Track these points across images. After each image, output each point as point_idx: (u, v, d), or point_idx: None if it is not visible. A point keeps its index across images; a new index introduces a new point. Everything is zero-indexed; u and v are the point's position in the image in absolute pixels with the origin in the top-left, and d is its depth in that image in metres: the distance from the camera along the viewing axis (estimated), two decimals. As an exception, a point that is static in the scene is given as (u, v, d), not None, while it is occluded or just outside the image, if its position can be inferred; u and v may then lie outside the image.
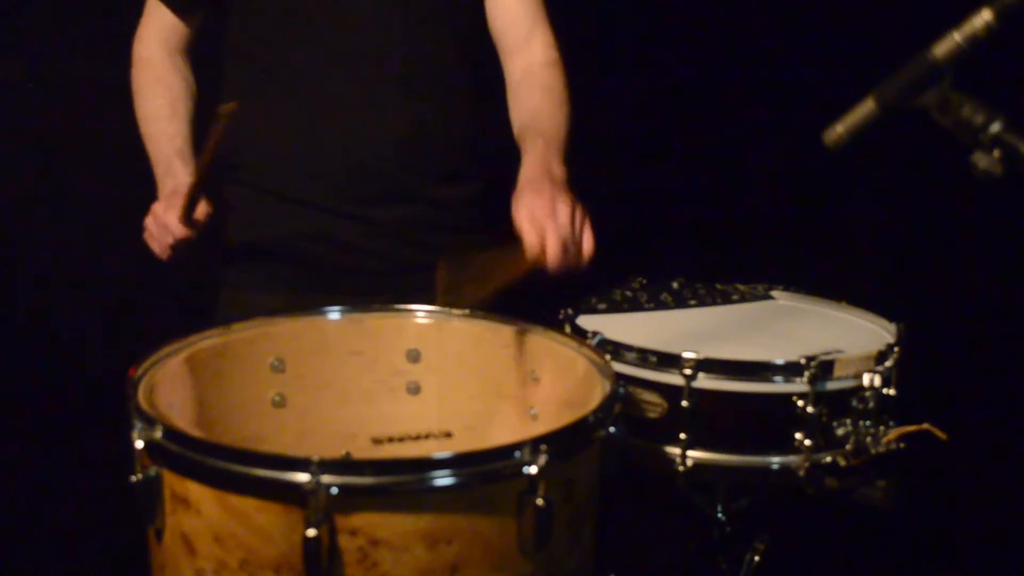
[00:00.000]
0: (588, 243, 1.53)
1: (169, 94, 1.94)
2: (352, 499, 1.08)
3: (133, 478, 1.17)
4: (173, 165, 1.86)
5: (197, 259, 1.81)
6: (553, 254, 1.47)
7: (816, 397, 1.56)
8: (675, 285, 2.00)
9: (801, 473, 1.58)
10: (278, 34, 1.83)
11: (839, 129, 1.29)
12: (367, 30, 1.82)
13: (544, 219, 1.49)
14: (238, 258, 1.95)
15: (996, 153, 1.16)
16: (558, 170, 1.67)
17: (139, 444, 1.18)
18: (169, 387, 1.37)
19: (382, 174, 1.85)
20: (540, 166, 1.65)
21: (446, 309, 1.59)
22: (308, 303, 1.63)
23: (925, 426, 1.59)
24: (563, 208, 1.51)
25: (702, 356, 1.57)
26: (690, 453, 1.59)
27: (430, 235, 1.90)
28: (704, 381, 1.57)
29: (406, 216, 1.88)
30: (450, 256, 1.55)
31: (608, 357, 1.46)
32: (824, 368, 1.57)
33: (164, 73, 1.95)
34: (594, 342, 1.61)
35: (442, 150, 1.89)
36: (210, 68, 1.97)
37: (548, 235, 1.48)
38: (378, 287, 1.86)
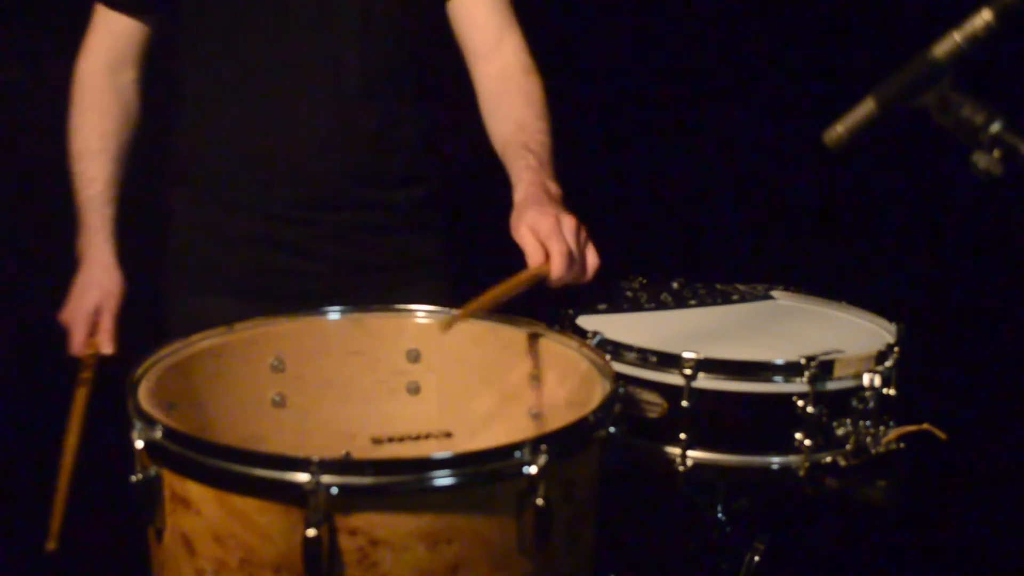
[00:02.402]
0: (592, 258, 1.53)
1: (100, 125, 1.86)
2: (352, 499, 1.08)
3: (133, 478, 1.17)
4: (86, 216, 1.86)
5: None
6: (557, 265, 1.47)
7: (816, 397, 1.56)
8: (675, 285, 2.00)
9: (801, 473, 1.58)
10: (226, 38, 1.79)
11: (839, 129, 1.29)
12: (316, 35, 1.78)
13: (548, 233, 1.49)
14: (184, 264, 1.92)
15: (996, 153, 1.16)
16: (554, 188, 1.65)
17: (139, 444, 1.18)
18: (169, 387, 1.37)
19: (331, 180, 1.82)
20: (536, 186, 1.63)
21: (446, 309, 1.59)
22: (256, 308, 1.61)
23: (925, 426, 1.59)
24: (567, 223, 1.51)
25: (702, 356, 1.57)
26: (690, 453, 1.59)
27: (382, 236, 1.89)
28: (704, 381, 1.57)
29: (357, 220, 1.86)
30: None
31: (608, 357, 1.46)
32: (824, 368, 1.57)
33: (100, 98, 1.86)
34: (594, 342, 1.61)
35: (392, 155, 1.87)
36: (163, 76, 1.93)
37: (552, 247, 1.47)
38: (329, 290, 1.83)
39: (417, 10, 1.85)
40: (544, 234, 1.49)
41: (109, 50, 1.87)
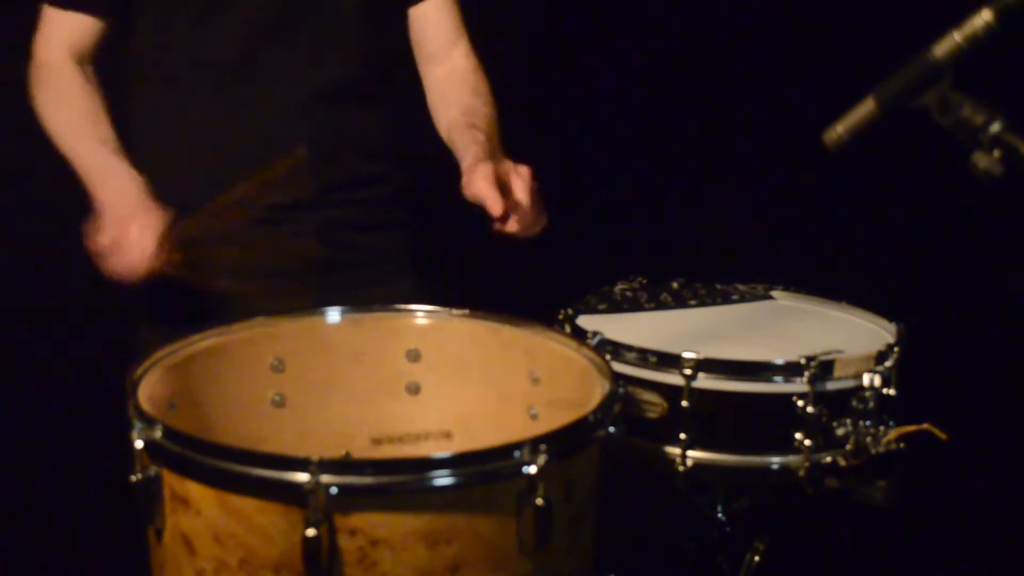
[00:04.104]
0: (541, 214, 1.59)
1: (90, 97, 1.80)
2: (352, 499, 1.08)
3: (133, 478, 1.17)
4: (113, 163, 1.71)
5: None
6: (521, 207, 1.53)
7: (816, 397, 1.56)
8: (675, 285, 2.00)
9: (801, 473, 1.58)
10: (190, 44, 1.78)
11: (839, 129, 1.29)
12: (278, 37, 1.78)
13: (507, 171, 1.55)
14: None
15: (996, 153, 1.16)
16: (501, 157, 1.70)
17: (139, 444, 1.18)
18: (169, 387, 1.37)
19: (293, 185, 1.78)
20: (486, 154, 1.67)
21: (446, 309, 1.60)
22: (225, 311, 1.58)
23: (925, 426, 1.59)
24: (522, 168, 1.57)
25: (702, 356, 1.57)
26: (690, 453, 1.59)
27: (347, 234, 1.88)
28: (704, 381, 1.57)
29: (321, 219, 1.85)
30: None
31: (608, 357, 1.46)
32: (824, 368, 1.57)
33: (79, 79, 1.81)
34: (594, 342, 1.61)
35: (354, 161, 1.87)
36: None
37: (515, 187, 1.53)
38: (299, 288, 1.82)
39: (386, 13, 1.89)
40: (503, 178, 1.54)
41: (69, 45, 1.82)
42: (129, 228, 1.60)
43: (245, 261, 1.82)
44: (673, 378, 1.58)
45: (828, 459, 1.59)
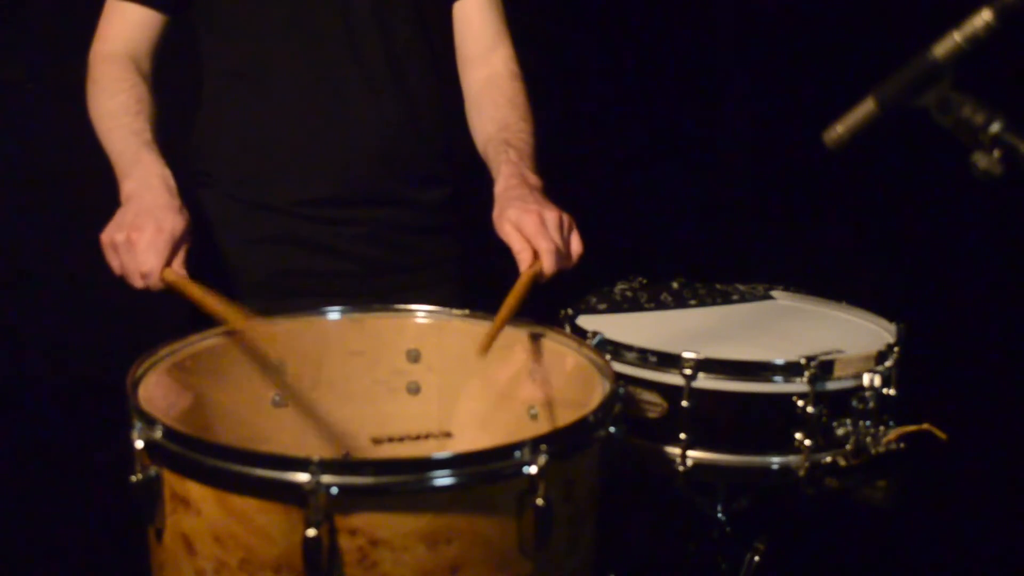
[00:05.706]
0: (576, 245, 1.58)
1: (134, 91, 1.79)
2: (352, 499, 1.08)
3: (133, 478, 1.17)
4: (141, 154, 1.66)
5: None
6: (548, 264, 1.51)
7: (816, 397, 1.56)
8: (675, 285, 2.00)
9: (801, 473, 1.58)
10: (246, 34, 1.81)
11: (839, 129, 1.29)
12: (341, 35, 1.80)
13: (534, 232, 1.52)
14: (208, 267, 1.89)
15: (996, 153, 1.16)
16: (533, 179, 1.69)
17: (139, 444, 1.18)
18: (169, 387, 1.37)
19: (356, 178, 1.83)
20: (516, 177, 1.66)
21: (446, 309, 1.60)
22: (278, 307, 1.59)
23: (925, 426, 1.59)
24: (550, 217, 1.55)
25: (702, 356, 1.57)
26: (690, 453, 1.59)
27: (404, 236, 1.89)
28: (704, 381, 1.57)
29: (380, 218, 1.86)
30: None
31: (608, 357, 1.46)
32: (824, 368, 1.57)
33: (129, 72, 1.81)
34: (594, 342, 1.61)
35: (416, 154, 1.88)
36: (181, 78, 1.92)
37: (540, 246, 1.51)
38: (351, 288, 1.84)
39: (430, 13, 1.89)
40: (529, 233, 1.53)
41: (126, 40, 1.84)
42: (144, 228, 1.52)
43: (304, 262, 1.83)
44: (673, 378, 1.58)
45: (828, 459, 1.59)
